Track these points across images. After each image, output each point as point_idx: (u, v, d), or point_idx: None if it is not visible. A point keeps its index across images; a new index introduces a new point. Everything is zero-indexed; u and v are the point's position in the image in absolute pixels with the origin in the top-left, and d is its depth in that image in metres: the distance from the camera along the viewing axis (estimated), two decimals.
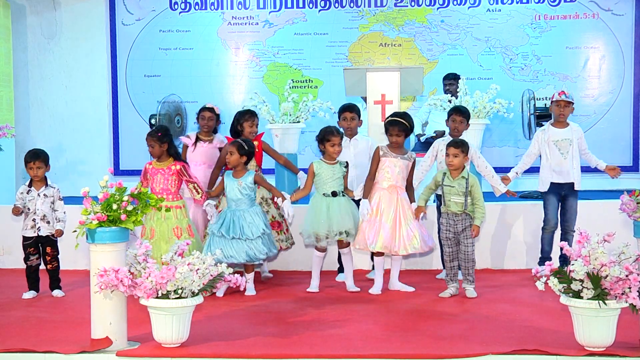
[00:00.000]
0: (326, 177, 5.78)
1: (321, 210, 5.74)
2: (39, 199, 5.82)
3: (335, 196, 5.77)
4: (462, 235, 5.58)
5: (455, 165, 5.57)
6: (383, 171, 5.79)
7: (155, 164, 5.88)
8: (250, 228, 5.60)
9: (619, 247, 4.16)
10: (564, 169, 6.20)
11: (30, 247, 5.88)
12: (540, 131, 6.34)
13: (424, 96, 9.17)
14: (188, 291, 4.26)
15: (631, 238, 4.98)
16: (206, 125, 6.61)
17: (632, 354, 4.10)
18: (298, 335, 4.60)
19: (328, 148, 5.78)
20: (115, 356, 4.27)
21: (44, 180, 5.90)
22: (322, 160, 5.84)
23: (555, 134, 6.23)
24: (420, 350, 4.24)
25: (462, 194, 5.53)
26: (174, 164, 5.84)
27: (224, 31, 9.73)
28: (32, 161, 5.84)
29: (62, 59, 9.67)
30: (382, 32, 9.61)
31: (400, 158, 5.79)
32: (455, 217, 5.56)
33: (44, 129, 9.65)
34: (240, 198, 5.68)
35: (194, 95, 9.63)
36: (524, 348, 4.23)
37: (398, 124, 5.79)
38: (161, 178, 5.81)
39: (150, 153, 5.90)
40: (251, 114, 6.31)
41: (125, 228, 4.41)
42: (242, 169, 5.74)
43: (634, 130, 9.46)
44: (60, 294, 5.88)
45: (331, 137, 5.78)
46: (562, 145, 6.20)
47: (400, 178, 5.78)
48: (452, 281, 5.67)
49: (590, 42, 9.48)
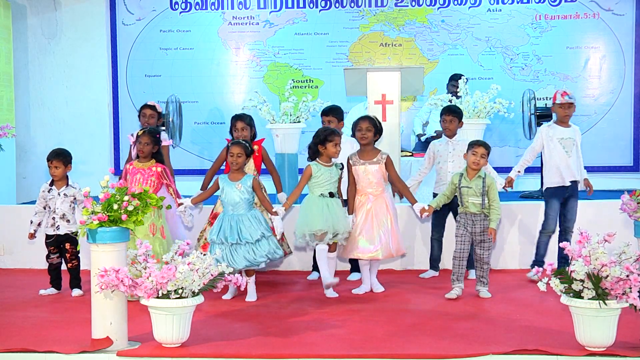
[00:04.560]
0: (324, 179, 5.70)
1: (320, 208, 5.64)
2: (58, 198, 5.86)
3: (332, 197, 5.71)
4: (479, 238, 5.54)
5: (480, 166, 5.53)
6: (357, 179, 5.79)
7: (136, 164, 5.89)
8: (249, 231, 5.48)
9: (619, 247, 4.16)
10: (570, 167, 6.18)
11: (51, 245, 5.90)
12: (546, 127, 6.29)
13: (424, 96, 9.17)
14: (188, 291, 4.26)
15: (632, 238, 4.99)
16: (147, 122, 6.63)
17: (633, 354, 4.10)
18: (298, 335, 4.60)
19: (330, 149, 5.69)
20: (115, 356, 4.27)
21: (65, 179, 5.94)
22: (319, 163, 5.76)
23: (561, 132, 6.20)
24: (420, 350, 4.25)
25: (480, 195, 5.51)
26: (156, 165, 5.86)
27: (225, 31, 9.73)
28: (51, 160, 5.90)
29: (62, 59, 9.67)
30: (382, 32, 9.61)
31: (368, 164, 5.74)
32: (473, 217, 5.53)
33: (44, 129, 9.65)
34: (238, 202, 5.55)
35: (194, 95, 9.65)
36: (524, 348, 4.23)
37: (368, 118, 5.80)
38: (140, 178, 5.81)
39: (140, 151, 5.86)
40: (236, 118, 6.23)
41: (126, 228, 4.41)
42: (241, 171, 5.71)
43: (634, 130, 9.45)
44: (79, 293, 5.84)
45: (334, 137, 5.71)
46: (567, 144, 6.19)
47: (373, 183, 5.74)
48: (458, 281, 5.60)
49: (590, 42, 9.47)
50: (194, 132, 9.64)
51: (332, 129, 5.86)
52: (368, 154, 5.79)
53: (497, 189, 5.63)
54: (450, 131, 6.27)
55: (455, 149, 6.20)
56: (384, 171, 5.77)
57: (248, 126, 6.18)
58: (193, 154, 9.68)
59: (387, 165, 5.77)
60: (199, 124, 9.71)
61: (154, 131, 5.91)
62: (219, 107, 9.62)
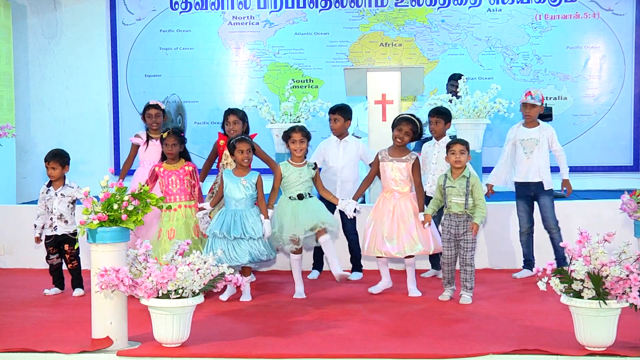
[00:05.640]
0: (293, 179, 5.62)
1: (285, 214, 5.58)
2: (56, 199, 5.86)
3: (301, 199, 5.61)
4: (462, 239, 5.48)
5: (462, 162, 5.50)
6: (383, 176, 5.78)
7: (166, 166, 5.82)
8: (253, 227, 5.48)
9: (619, 246, 4.16)
10: (523, 168, 6.18)
11: (50, 246, 5.91)
12: (510, 130, 6.34)
13: (424, 96, 9.17)
14: (189, 291, 4.26)
15: (632, 238, 4.99)
16: (154, 122, 6.52)
17: (633, 353, 4.10)
18: (298, 335, 4.60)
19: (289, 145, 5.66)
20: (115, 356, 4.28)
21: (62, 180, 5.93)
22: (289, 162, 5.69)
23: (523, 133, 6.24)
24: (420, 350, 4.25)
25: (463, 194, 5.47)
26: (187, 164, 5.85)
27: (225, 31, 9.73)
28: (48, 161, 5.90)
29: (62, 59, 9.67)
30: (382, 32, 9.61)
31: (397, 161, 5.71)
32: (456, 218, 5.49)
33: (44, 129, 9.65)
34: (242, 197, 5.54)
35: (195, 95, 9.66)
36: (524, 348, 4.23)
37: (411, 122, 5.72)
38: (175, 179, 5.78)
39: (168, 153, 5.80)
40: (229, 111, 6.24)
41: (126, 228, 4.41)
42: (247, 167, 5.69)
43: (634, 130, 9.45)
44: (80, 293, 5.83)
45: (292, 133, 5.65)
46: (527, 145, 6.19)
47: (398, 181, 5.71)
48: (449, 284, 5.59)
49: (590, 42, 9.47)
50: (194, 132, 9.64)
51: (295, 126, 5.81)
52: (399, 151, 5.76)
53: (482, 188, 5.59)
54: (437, 132, 6.20)
55: (440, 152, 6.09)
56: (410, 170, 5.72)
57: (240, 120, 6.16)
58: (193, 154, 9.58)
59: (413, 166, 5.72)
60: (199, 124, 9.71)
61: (178, 131, 5.87)
62: (219, 107, 9.60)
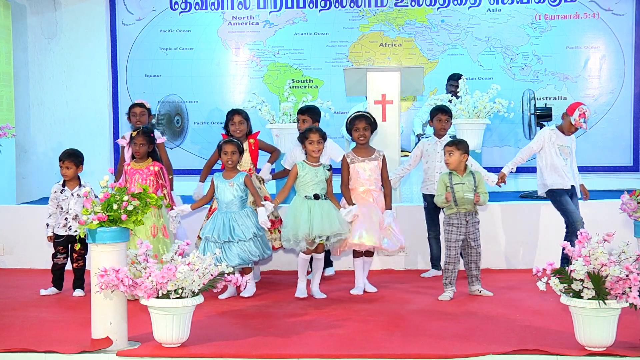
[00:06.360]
0: (309, 179, 5.65)
1: (302, 213, 5.59)
2: (72, 199, 5.86)
3: (317, 199, 5.64)
4: (472, 237, 5.58)
5: (452, 163, 5.55)
6: (355, 177, 5.78)
7: (133, 164, 5.87)
8: (242, 229, 5.54)
9: (619, 246, 4.16)
10: (567, 173, 6.21)
11: (60, 245, 5.90)
12: (549, 130, 6.31)
13: (424, 96, 9.17)
14: (188, 291, 4.26)
15: (631, 238, 4.99)
16: (138, 121, 6.51)
17: (633, 354, 4.10)
18: (298, 335, 4.60)
19: (307, 146, 5.68)
20: (115, 356, 4.28)
21: (77, 180, 5.95)
22: (306, 162, 5.72)
23: (562, 139, 6.25)
24: (420, 350, 4.25)
25: (472, 190, 5.56)
26: (153, 164, 5.84)
27: (224, 31, 9.73)
28: (63, 161, 5.91)
29: (62, 59, 9.66)
30: (382, 32, 9.61)
31: (368, 161, 5.77)
32: (466, 216, 5.56)
33: (44, 129, 9.64)
34: (231, 200, 5.61)
35: (194, 95, 9.65)
36: (524, 348, 4.23)
37: (365, 117, 5.79)
38: (139, 178, 5.78)
39: (136, 152, 5.82)
40: (233, 112, 6.25)
41: (126, 228, 4.41)
42: (235, 169, 5.73)
43: (634, 130, 9.45)
44: (80, 294, 5.83)
45: (309, 133, 5.68)
46: (565, 151, 6.25)
47: (372, 180, 5.77)
48: (450, 285, 5.62)
49: (590, 42, 9.47)
50: (194, 132, 9.65)
51: (312, 126, 5.85)
52: (366, 151, 5.83)
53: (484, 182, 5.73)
54: (446, 130, 6.31)
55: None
56: (380, 167, 5.81)
57: (245, 120, 6.22)
58: (193, 154, 9.69)
59: (383, 163, 5.81)
60: (198, 124, 9.71)
61: (147, 131, 5.88)
62: (219, 107, 9.61)
